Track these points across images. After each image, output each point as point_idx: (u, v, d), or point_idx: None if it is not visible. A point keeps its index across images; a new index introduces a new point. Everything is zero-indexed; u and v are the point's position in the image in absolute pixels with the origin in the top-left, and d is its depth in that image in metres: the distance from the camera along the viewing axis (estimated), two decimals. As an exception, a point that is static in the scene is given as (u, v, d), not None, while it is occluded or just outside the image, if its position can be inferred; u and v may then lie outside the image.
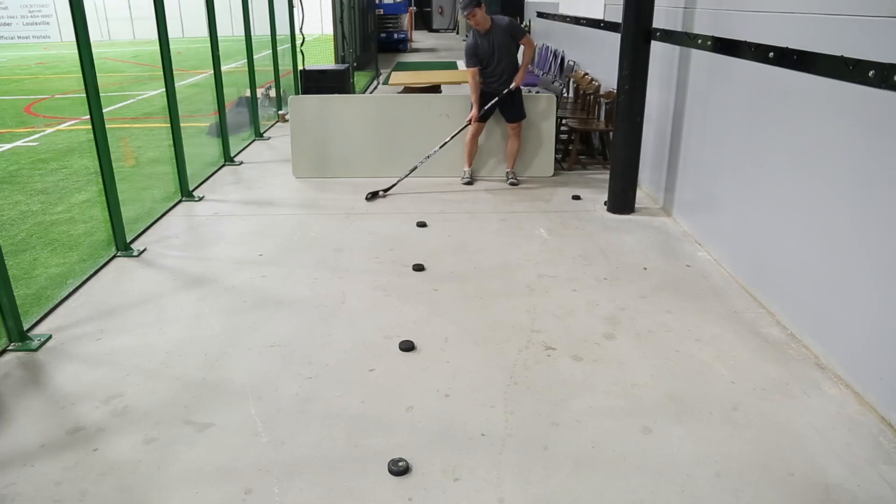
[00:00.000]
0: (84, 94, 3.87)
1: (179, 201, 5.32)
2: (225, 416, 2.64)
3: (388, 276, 3.90)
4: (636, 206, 4.99)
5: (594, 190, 5.40)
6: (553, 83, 8.05)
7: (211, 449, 2.46)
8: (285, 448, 2.46)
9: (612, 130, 5.33)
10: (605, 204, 5.05)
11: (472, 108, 5.47)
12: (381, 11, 18.43)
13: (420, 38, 23.89)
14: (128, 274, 3.99)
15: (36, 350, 3.12)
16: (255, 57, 7.56)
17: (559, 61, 8.23)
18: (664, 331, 3.26)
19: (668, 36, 4.64)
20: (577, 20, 7.74)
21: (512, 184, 5.66)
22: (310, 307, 3.53)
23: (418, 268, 3.99)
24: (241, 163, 6.60)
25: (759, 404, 2.69)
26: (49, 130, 9.05)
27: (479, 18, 5.18)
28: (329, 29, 13.61)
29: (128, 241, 4.32)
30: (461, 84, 9.58)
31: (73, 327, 3.35)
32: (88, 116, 3.91)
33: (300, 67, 9.00)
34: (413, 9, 22.99)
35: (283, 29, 8.94)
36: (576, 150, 6.22)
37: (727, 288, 3.72)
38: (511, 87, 5.36)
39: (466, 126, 5.47)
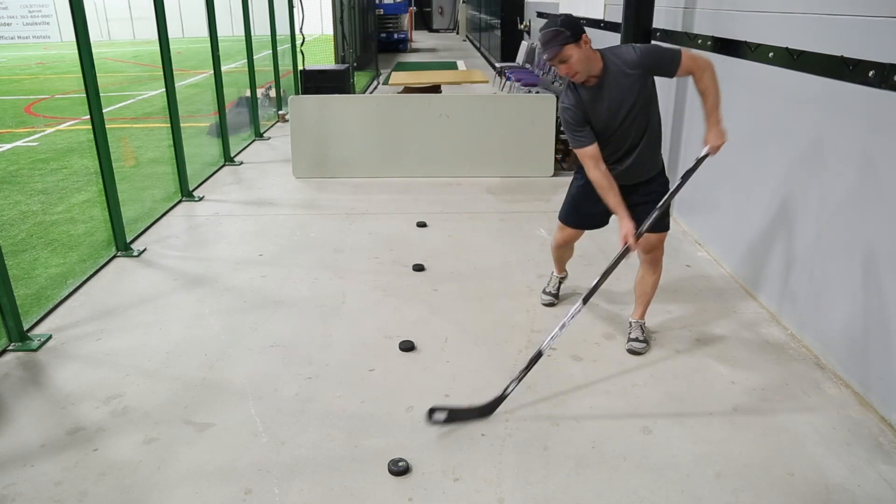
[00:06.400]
0: (84, 94, 3.87)
1: (179, 201, 5.32)
2: (225, 416, 2.64)
3: (388, 276, 3.90)
4: (636, 206, 4.99)
5: (594, 190, 5.39)
6: (553, 83, 8.05)
7: (211, 449, 2.46)
8: (285, 448, 2.46)
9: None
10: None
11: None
12: (381, 11, 18.43)
13: (420, 39, 23.88)
14: (128, 274, 3.99)
15: (36, 350, 3.13)
16: (255, 57, 7.57)
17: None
18: (664, 331, 3.26)
19: (668, 36, 4.64)
20: (577, 20, 7.73)
21: (633, 350, 3.07)
22: (310, 307, 3.53)
23: (418, 268, 3.99)
24: (241, 163, 6.60)
25: (759, 404, 2.69)
26: (49, 130, 9.05)
27: (576, 64, 2.59)
28: (329, 29, 13.60)
29: (128, 241, 4.32)
30: (461, 84, 9.63)
31: (73, 327, 3.35)
32: (88, 116, 3.91)
33: (300, 67, 9.01)
34: (413, 9, 22.97)
35: (283, 29, 8.94)
36: (576, 151, 6.18)
37: (727, 288, 3.72)
38: (704, 152, 2.76)
39: (625, 253, 2.74)
